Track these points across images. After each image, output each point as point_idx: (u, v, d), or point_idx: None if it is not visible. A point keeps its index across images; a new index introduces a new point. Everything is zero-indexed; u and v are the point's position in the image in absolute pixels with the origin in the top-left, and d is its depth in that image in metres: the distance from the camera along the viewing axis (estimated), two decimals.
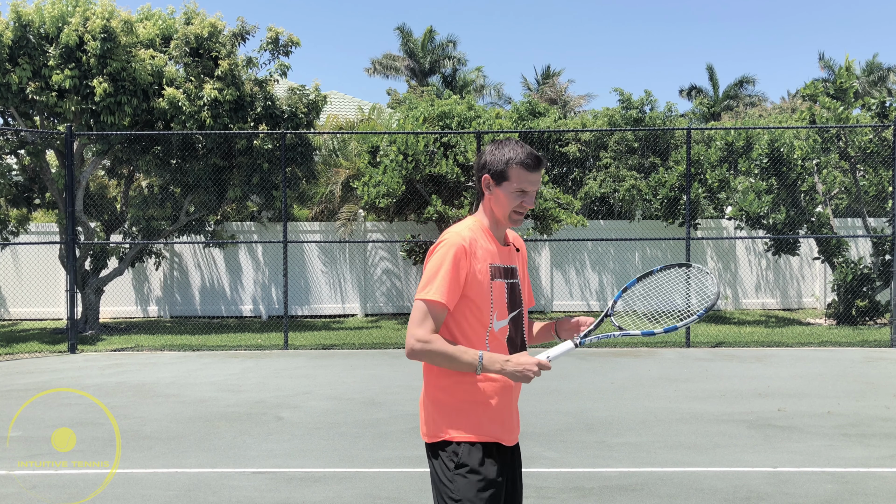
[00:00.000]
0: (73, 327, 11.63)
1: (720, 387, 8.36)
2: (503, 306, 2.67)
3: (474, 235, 2.65)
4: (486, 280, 2.63)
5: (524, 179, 2.62)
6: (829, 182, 14.46)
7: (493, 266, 2.65)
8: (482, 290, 2.61)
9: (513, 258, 2.76)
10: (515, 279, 2.74)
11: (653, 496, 4.82)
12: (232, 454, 5.82)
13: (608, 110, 17.36)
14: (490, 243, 2.68)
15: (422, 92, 23.79)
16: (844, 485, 5.00)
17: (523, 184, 2.62)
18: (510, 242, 2.78)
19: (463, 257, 2.58)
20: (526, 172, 2.62)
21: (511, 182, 2.62)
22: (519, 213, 2.66)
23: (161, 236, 14.14)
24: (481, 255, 2.63)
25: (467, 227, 2.67)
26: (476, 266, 2.61)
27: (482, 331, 2.63)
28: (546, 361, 2.52)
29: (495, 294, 2.64)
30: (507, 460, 2.67)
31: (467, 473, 2.56)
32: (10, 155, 13.70)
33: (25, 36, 12.38)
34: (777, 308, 16.79)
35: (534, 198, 2.68)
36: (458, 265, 2.57)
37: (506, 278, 2.69)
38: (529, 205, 2.65)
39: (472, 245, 2.61)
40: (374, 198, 14.13)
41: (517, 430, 2.74)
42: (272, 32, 13.75)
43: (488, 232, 2.70)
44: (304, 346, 12.10)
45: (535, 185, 2.66)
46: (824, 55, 31.47)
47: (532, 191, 2.65)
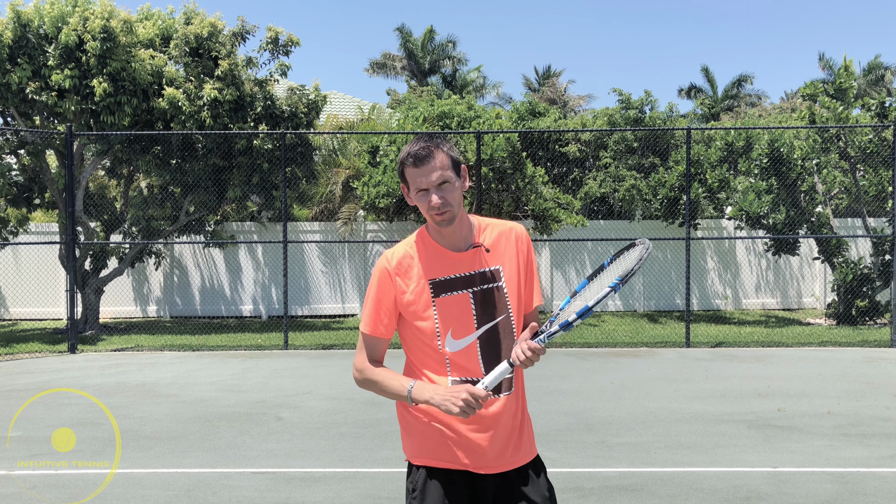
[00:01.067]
0: (73, 327, 11.62)
1: (720, 387, 8.36)
2: (462, 323, 2.38)
3: (408, 252, 2.43)
4: (424, 300, 2.38)
5: (415, 177, 2.32)
6: (829, 182, 14.46)
7: (436, 280, 2.38)
8: (420, 312, 2.39)
9: (480, 261, 2.41)
10: (487, 284, 2.40)
11: (653, 496, 4.82)
12: (232, 454, 5.82)
13: (608, 110, 17.36)
14: (433, 254, 2.41)
15: (421, 92, 23.80)
16: (844, 485, 5.00)
17: (416, 182, 2.32)
18: (479, 243, 2.42)
19: (386, 281, 2.41)
20: (413, 169, 2.32)
21: (410, 184, 2.36)
22: (438, 215, 2.32)
23: (161, 236, 14.14)
24: (417, 273, 2.39)
25: (403, 244, 2.46)
26: (407, 286, 2.40)
27: (435, 355, 2.39)
28: (481, 390, 2.23)
29: (443, 312, 2.38)
30: (485, 491, 2.41)
31: (411, 498, 2.42)
32: (10, 155, 13.70)
33: (25, 36, 12.38)
34: (777, 308, 16.79)
35: (447, 190, 2.32)
36: (382, 290, 2.42)
37: (465, 288, 2.39)
38: (437, 202, 2.31)
39: (399, 265, 2.41)
40: (374, 198, 14.13)
41: (504, 455, 2.41)
42: (272, 32, 13.75)
43: (430, 241, 2.43)
44: (304, 346, 12.10)
45: (433, 177, 2.30)
46: (824, 55, 31.48)
47: (431, 183, 2.30)
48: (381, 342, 2.48)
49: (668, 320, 15.04)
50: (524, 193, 14.30)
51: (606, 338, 12.56)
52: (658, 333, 13.15)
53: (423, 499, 2.38)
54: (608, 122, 16.76)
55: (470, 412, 2.23)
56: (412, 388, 2.34)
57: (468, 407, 2.22)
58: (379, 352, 2.49)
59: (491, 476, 2.40)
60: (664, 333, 13.12)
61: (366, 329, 2.46)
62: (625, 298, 16.48)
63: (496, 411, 2.39)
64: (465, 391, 2.22)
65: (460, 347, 2.39)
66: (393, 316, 2.44)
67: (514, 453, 2.43)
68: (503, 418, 2.41)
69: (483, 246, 2.42)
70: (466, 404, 2.21)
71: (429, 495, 2.38)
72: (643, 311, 16.44)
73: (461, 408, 2.21)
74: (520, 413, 2.47)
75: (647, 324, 14.59)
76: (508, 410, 2.42)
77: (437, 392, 2.29)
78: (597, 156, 17.11)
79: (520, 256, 2.47)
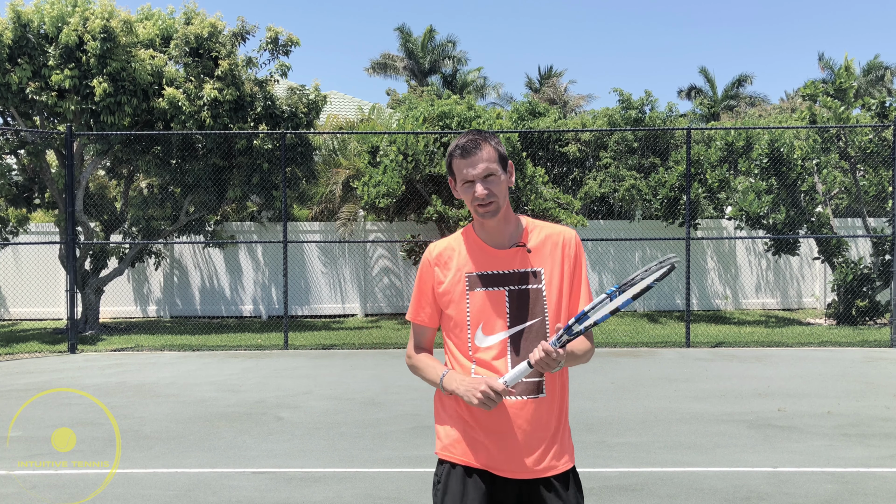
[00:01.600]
0: (73, 327, 11.63)
1: (720, 387, 8.36)
2: (494, 319, 2.40)
3: (450, 244, 2.50)
4: (459, 291, 2.44)
5: (462, 168, 2.38)
6: (829, 182, 14.45)
7: (472, 274, 2.42)
8: (454, 303, 2.44)
9: (521, 261, 2.43)
10: (525, 285, 2.41)
11: (653, 496, 4.82)
12: (232, 454, 5.82)
13: (608, 110, 17.36)
14: (475, 249, 2.46)
15: (422, 92, 23.79)
16: (844, 485, 5.00)
17: (462, 173, 2.38)
18: (524, 242, 2.44)
19: (426, 270, 2.50)
20: (461, 160, 2.38)
21: (456, 176, 2.42)
22: (483, 206, 2.37)
23: (161, 236, 14.14)
24: (456, 264, 2.45)
25: (449, 237, 2.54)
26: (445, 276, 2.46)
27: (463, 347, 2.44)
28: (499, 384, 2.26)
29: (476, 305, 2.41)
30: (507, 494, 2.40)
31: (441, 496, 2.42)
32: (10, 155, 13.70)
33: (25, 36, 12.38)
34: (777, 308, 16.79)
35: (492, 183, 2.38)
36: (423, 279, 2.52)
37: (501, 285, 2.41)
38: (482, 193, 2.35)
39: (440, 256, 2.49)
40: (374, 198, 14.13)
41: (526, 461, 2.37)
42: (272, 32, 13.75)
43: (474, 236, 2.48)
44: (304, 346, 12.10)
45: (478, 169, 2.36)
46: (824, 55, 31.49)
47: (475, 176, 2.36)
48: (426, 330, 2.56)
49: (668, 320, 15.03)
50: (524, 193, 14.30)
51: (606, 338, 12.56)
52: (658, 333, 13.15)
53: (445, 492, 2.41)
54: (608, 122, 16.76)
55: (490, 404, 2.26)
56: (444, 377, 2.42)
57: (487, 399, 2.25)
58: (425, 340, 2.57)
59: (513, 480, 2.39)
60: (664, 333, 13.12)
61: (409, 316, 2.57)
62: None
63: (514, 415, 2.38)
64: (485, 383, 2.26)
65: (489, 343, 2.40)
66: (434, 305, 2.51)
67: (539, 462, 2.39)
68: (523, 423, 2.38)
69: (526, 246, 2.44)
70: (485, 396, 2.25)
71: (450, 489, 2.40)
72: (643, 311, 16.44)
73: (480, 399, 2.26)
74: (553, 422, 2.43)
75: (647, 324, 14.59)
76: (533, 416, 2.39)
77: (463, 382, 2.34)
78: (597, 156, 17.11)
79: (566, 262, 2.45)
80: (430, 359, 2.53)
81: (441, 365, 2.48)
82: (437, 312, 2.52)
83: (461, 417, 2.43)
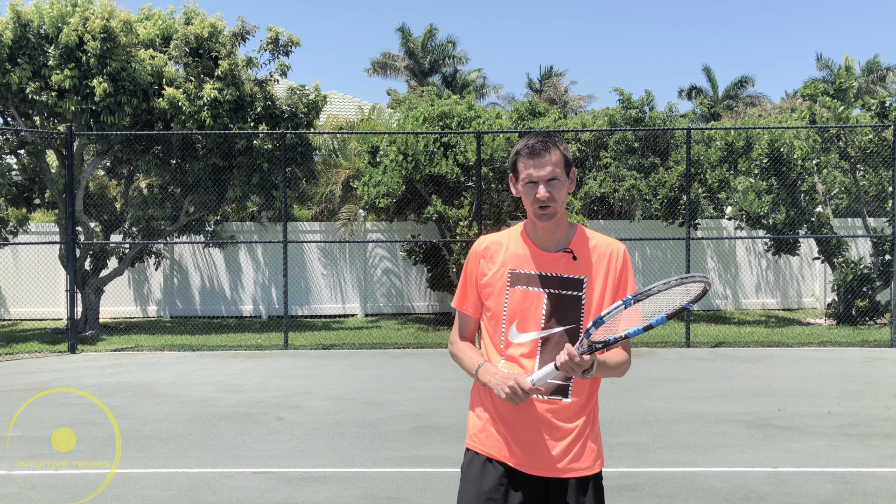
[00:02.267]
0: (73, 327, 11.62)
1: (720, 387, 8.36)
2: (529, 318, 2.45)
3: (499, 239, 2.56)
4: (500, 285, 2.50)
5: (528, 167, 2.42)
6: (829, 182, 14.46)
7: (515, 272, 2.49)
8: (494, 296, 2.51)
9: (565, 266, 2.47)
10: (566, 290, 2.45)
11: (653, 496, 4.82)
12: (232, 454, 5.82)
13: (608, 110, 17.35)
14: (522, 247, 2.51)
15: (422, 92, 23.79)
16: (844, 485, 5.00)
17: (527, 172, 2.42)
18: (570, 248, 2.47)
19: (473, 261, 2.58)
20: (528, 160, 2.43)
21: (520, 174, 2.46)
22: (542, 208, 2.41)
23: (161, 236, 14.14)
24: (501, 259, 2.51)
25: (502, 232, 2.61)
26: (488, 269, 2.53)
27: (496, 340, 2.51)
28: (528, 383, 2.31)
29: (514, 302, 2.47)
30: (526, 490, 2.42)
31: (462, 481, 2.52)
32: (10, 155, 13.70)
33: (25, 36, 12.38)
34: (777, 308, 16.79)
35: (555, 187, 2.41)
36: (468, 269, 2.59)
37: (541, 287, 2.45)
38: (544, 195, 2.39)
39: (487, 249, 2.55)
40: (374, 198, 14.13)
41: (545, 459, 2.42)
42: (272, 32, 13.75)
43: (524, 235, 2.54)
44: (304, 346, 12.10)
45: (544, 171, 2.40)
46: (822, 56, 31.42)
47: (541, 177, 2.40)
48: (469, 319, 2.62)
49: None
50: None
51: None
52: (658, 333, 13.14)
53: (465, 478, 2.50)
54: (608, 122, 16.75)
55: (516, 400, 2.32)
56: (479, 368, 2.48)
57: (514, 394, 2.31)
58: (468, 329, 2.64)
59: (531, 477, 2.44)
60: (664, 333, 13.12)
61: (454, 303, 2.64)
62: None
63: (537, 413, 2.43)
64: (514, 379, 2.32)
65: (521, 340, 2.46)
66: (478, 296, 2.58)
67: (557, 461, 2.43)
68: (544, 421, 2.43)
69: (572, 252, 2.47)
70: (512, 391, 2.31)
71: (469, 475, 2.49)
72: None
73: (507, 394, 2.32)
74: (577, 425, 2.46)
75: None
76: (555, 416, 2.44)
77: (496, 375, 2.39)
78: (597, 156, 17.11)
79: (611, 273, 2.48)
80: (470, 349, 2.59)
81: (479, 356, 2.55)
82: (481, 303, 2.58)
83: (488, 410, 2.51)
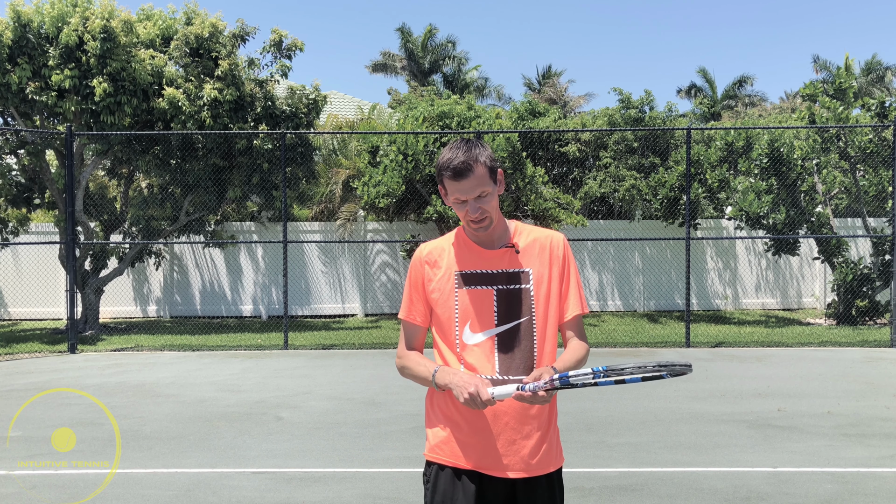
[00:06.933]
0: (73, 327, 11.62)
1: (720, 387, 8.36)
2: (481, 317, 2.42)
3: (441, 244, 2.53)
4: (448, 288, 2.46)
5: (453, 190, 2.35)
6: (829, 182, 14.46)
7: (462, 273, 2.45)
8: (442, 300, 2.46)
9: (509, 261, 2.46)
10: (513, 285, 2.43)
11: (653, 496, 4.82)
12: (232, 454, 5.82)
13: (608, 110, 17.35)
14: (465, 248, 2.48)
15: (422, 92, 23.79)
16: (844, 485, 5.00)
17: (455, 195, 2.36)
18: (512, 244, 2.47)
19: (417, 268, 2.52)
20: (452, 182, 2.35)
21: (448, 192, 2.39)
22: (475, 223, 2.39)
23: (161, 236, 14.14)
24: (446, 263, 2.48)
25: (441, 238, 2.57)
26: (433, 275, 2.49)
27: (450, 344, 2.46)
28: (486, 393, 2.25)
29: (464, 303, 2.43)
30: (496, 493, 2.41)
31: (432, 494, 2.46)
32: (10, 155, 13.70)
33: (25, 36, 12.38)
34: (777, 308, 16.79)
35: (485, 201, 2.36)
36: (412, 278, 2.54)
37: (489, 284, 2.43)
38: (475, 213, 2.36)
39: (430, 254, 2.51)
40: (374, 198, 14.13)
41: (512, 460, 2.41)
42: (276, 35, 13.74)
43: (464, 237, 2.50)
44: (304, 346, 12.10)
45: (472, 193, 2.34)
46: (819, 57, 31.45)
47: (469, 197, 2.35)
48: (417, 329, 2.55)
49: (668, 320, 15.03)
50: (524, 193, 14.30)
51: (606, 337, 12.56)
52: (658, 333, 13.15)
53: (434, 492, 2.45)
54: (608, 122, 16.76)
55: (474, 406, 2.26)
56: (436, 373, 2.40)
57: (472, 400, 2.25)
58: (416, 339, 2.57)
59: (501, 479, 2.42)
60: (664, 333, 13.12)
61: (401, 314, 2.58)
62: (625, 298, 16.49)
63: (503, 416, 2.41)
64: (475, 386, 2.24)
65: (477, 341, 2.43)
66: (426, 303, 2.52)
67: (527, 462, 2.42)
68: (510, 423, 2.41)
69: (514, 247, 2.46)
70: (471, 398, 2.24)
71: (438, 489, 2.43)
72: (643, 310, 16.43)
73: (466, 399, 2.26)
74: (542, 424, 2.46)
75: (647, 324, 14.59)
76: (521, 417, 2.42)
77: (456, 376, 2.33)
78: (597, 156, 17.11)
79: (554, 263, 2.48)
80: (420, 357, 2.52)
81: (432, 362, 2.49)
82: (429, 311, 2.52)
83: (450, 418, 2.45)
